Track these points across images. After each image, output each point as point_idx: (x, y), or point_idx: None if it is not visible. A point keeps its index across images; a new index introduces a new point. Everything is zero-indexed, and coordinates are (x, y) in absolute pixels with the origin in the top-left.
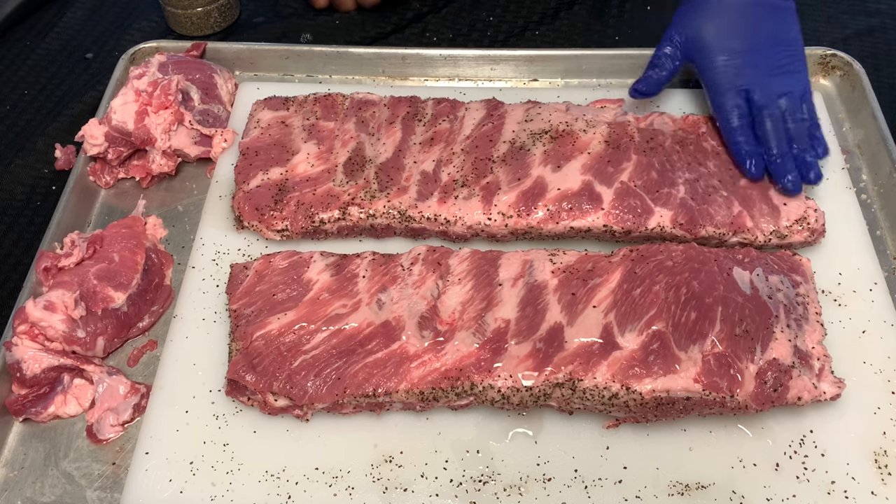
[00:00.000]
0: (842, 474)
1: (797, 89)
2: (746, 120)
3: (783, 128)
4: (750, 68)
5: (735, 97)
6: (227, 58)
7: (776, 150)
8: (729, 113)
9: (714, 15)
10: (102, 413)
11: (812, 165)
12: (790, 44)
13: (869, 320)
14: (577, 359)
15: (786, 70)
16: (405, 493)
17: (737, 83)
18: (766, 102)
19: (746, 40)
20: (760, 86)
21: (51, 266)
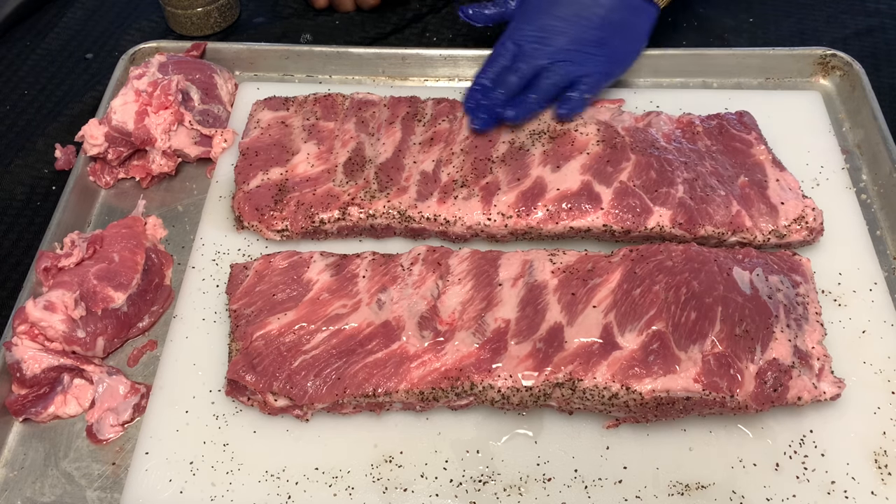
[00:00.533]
0: (842, 474)
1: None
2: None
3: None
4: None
5: (504, 48)
6: (227, 58)
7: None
8: (490, 59)
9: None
10: (102, 413)
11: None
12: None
13: (869, 320)
14: (577, 359)
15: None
16: (405, 493)
17: (513, 34)
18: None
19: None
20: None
21: (51, 266)
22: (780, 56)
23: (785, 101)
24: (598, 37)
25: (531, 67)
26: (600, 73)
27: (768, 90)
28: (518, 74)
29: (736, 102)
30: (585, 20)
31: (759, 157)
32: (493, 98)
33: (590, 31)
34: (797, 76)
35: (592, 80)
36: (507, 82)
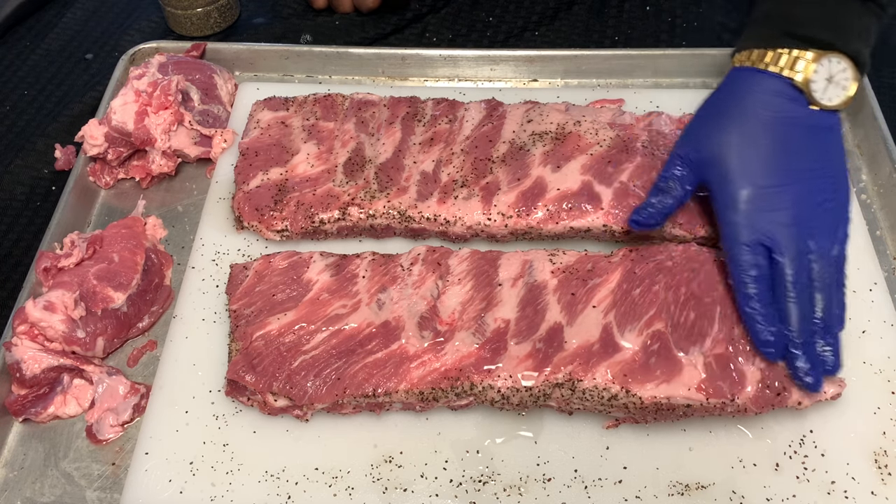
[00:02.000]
0: (842, 474)
1: (831, 240)
2: (766, 284)
3: (807, 302)
4: (776, 212)
5: (753, 253)
6: (227, 58)
7: (797, 337)
8: (744, 273)
9: (737, 133)
10: (102, 413)
11: (834, 351)
12: (831, 176)
13: (869, 320)
14: (577, 359)
15: (822, 210)
16: (405, 493)
17: (758, 233)
18: (793, 267)
19: (775, 171)
20: (789, 239)
21: (51, 266)
22: None
23: None
24: (829, 185)
25: (802, 260)
26: (846, 221)
27: None
28: (798, 279)
29: None
30: (808, 174)
31: None
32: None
33: (818, 186)
34: None
35: (843, 249)
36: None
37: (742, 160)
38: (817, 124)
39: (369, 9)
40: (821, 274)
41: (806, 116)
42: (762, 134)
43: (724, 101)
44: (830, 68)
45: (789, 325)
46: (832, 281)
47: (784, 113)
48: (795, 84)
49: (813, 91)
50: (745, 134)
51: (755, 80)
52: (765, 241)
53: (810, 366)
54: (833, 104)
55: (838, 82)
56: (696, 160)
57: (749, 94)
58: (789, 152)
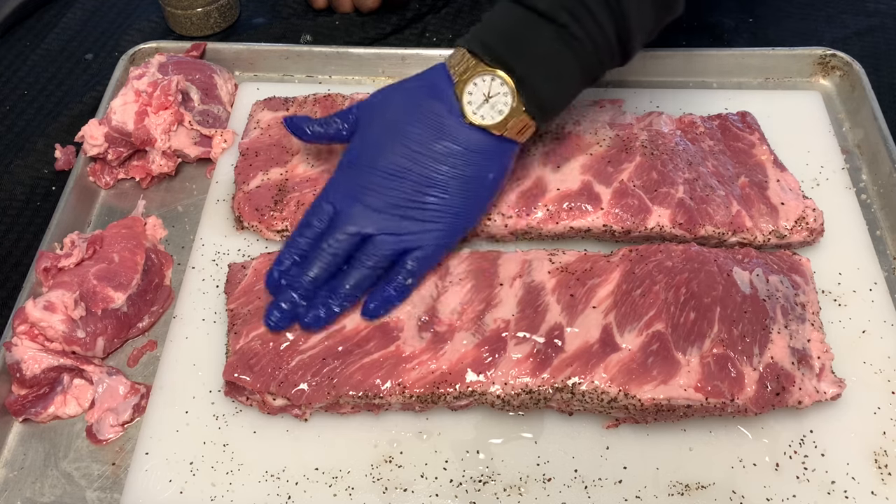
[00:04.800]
0: (842, 474)
1: (393, 235)
2: (315, 239)
3: (329, 264)
4: (360, 188)
5: (321, 208)
6: (226, 58)
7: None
8: (303, 219)
9: (383, 111)
10: (102, 413)
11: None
12: (439, 189)
13: (869, 320)
14: (577, 361)
15: (414, 217)
16: (405, 493)
17: (334, 194)
18: (338, 232)
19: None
20: (350, 213)
21: (51, 266)
22: (780, 56)
23: (785, 101)
24: (435, 198)
25: (347, 238)
26: (435, 245)
27: (768, 90)
28: (332, 249)
29: (736, 102)
30: (416, 175)
31: (761, 158)
32: (297, 285)
33: (423, 191)
34: (797, 76)
35: (424, 254)
36: (319, 259)
37: (368, 135)
38: (460, 136)
39: (369, 9)
40: (359, 257)
41: (454, 128)
42: (398, 123)
43: (407, 82)
44: (491, 87)
45: (300, 271)
46: (362, 266)
47: (432, 117)
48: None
49: (465, 103)
50: (387, 115)
51: (435, 77)
52: (334, 203)
53: (286, 306)
54: (482, 123)
55: (495, 104)
56: (357, 118)
57: (418, 88)
58: (407, 149)
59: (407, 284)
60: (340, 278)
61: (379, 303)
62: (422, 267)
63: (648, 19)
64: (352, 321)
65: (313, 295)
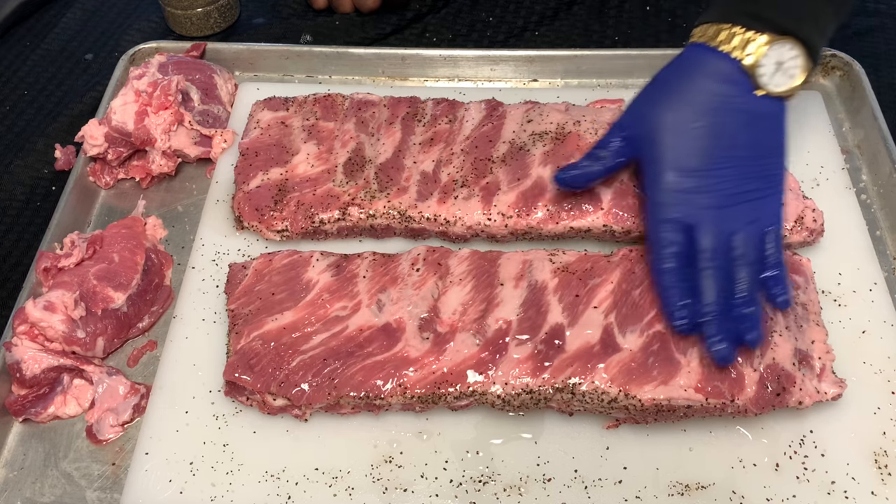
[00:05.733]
0: (842, 474)
1: (759, 222)
2: (682, 262)
3: (724, 279)
4: (701, 196)
5: (673, 230)
6: (226, 58)
7: (709, 308)
8: (662, 249)
9: (672, 115)
10: (102, 413)
11: (750, 321)
12: (765, 163)
13: (869, 320)
14: (578, 361)
15: (752, 197)
16: (405, 494)
17: (679, 212)
18: (709, 245)
19: (707, 156)
20: (709, 221)
21: (51, 266)
22: None
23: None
24: (762, 171)
25: (723, 245)
26: (779, 215)
27: None
28: (716, 261)
29: None
30: (740, 160)
31: None
32: (705, 312)
33: (751, 171)
34: None
35: (778, 227)
36: (713, 279)
37: (673, 143)
38: (757, 110)
39: (369, 9)
40: (742, 253)
41: (747, 102)
42: (698, 118)
43: (670, 81)
44: (781, 54)
45: (701, 298)
46: (752, 261)
47: (725, 98)
48: (743, 67)
49: (759, 75)
50: (680, 117)
51: (704, 60)
52: (685, 220)
53: (720, 336)
54: (779, 91)
55: (787, 70)
56: (632, 136)
57: (694, 77)
58: (722, 137)
59: (781, 261)
60: (736, 285)
61: (780, 288)
62: (779, 242)
63: None
64: (354, 321)
65: (722, 314)
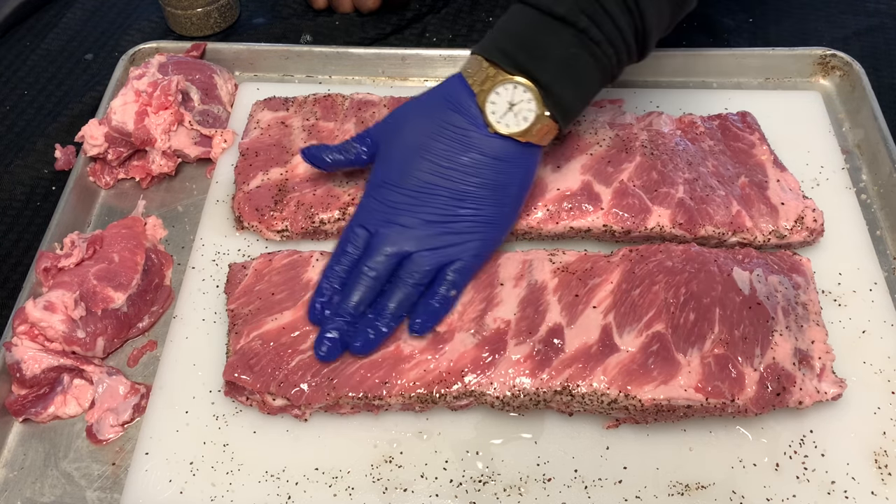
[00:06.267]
0: (842, 474)
1: (445, 254)
2: (353, 265)
3: (374, 291)
4: (397, 211)
5: (357, 236)
6: (226, 58)
7: (341, 308)
8: (339, 249)
9: (409, 130)
10: (102, 413)
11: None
12: (481, 203)
13: (869, 320)
14: (577, 362)
15: (449, 230)
16: (405, 494)
17: (365, 219)
18: (376, 255)
19: (415, 177)
20: (390, 234)
21: (51, 266)
22: (780, 56)
23: (785, 101)
24: (467, 210)
25: (385, 260)
26: (473, 255)
27: (768, 90)
28: (373, 273)
29: (736, 102)
30: (446, 190)
31: (761, 158)
32: (342, 312)
33: (455, 204)
34: (797, 76)
35: (463, 265)
36: (360, 284)
37: (394, 155)
38: (487, 149)
39: (369, 9)
40: (404, 275)
41: (478, 138)
42: (423, 139)
43: (423, 101)
44: (514, 94)
45: (343, 297)
46: (411, 285)
47: (455, 128)
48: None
49: (489, 112)
50: (410, 134)
51: (453, 88)
52: (367, 226)
53: (331, 335)
54: (508, 131)
55: (519, 111)
56: (375, 140)
57: (439, 101)
58: (438, 163)
59: (450, 296)
60: (384, 299)
61: (425, 317)
62: (463, 278)
63: (665, 16)
64: None
65: (358, 320)
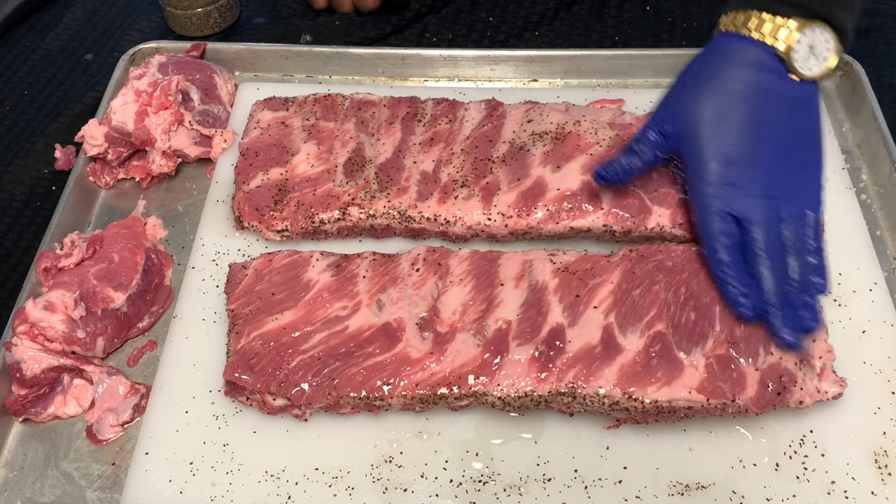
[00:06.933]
0: (842, 474)
1: (804, 207)
2: (737, 251)
3: (781, 266)
4: (746, 185)
5: (724, 222)
6: (226, 58)
7: (772, 297)
8: (715, 242)
9: (710, 107)
10: (102, 413)
11: (811, 309)
12: (804, 148)
13: (869, 320)
14: (579, 363)
15: (794, 184)
16: (405, 494)
17: (728, 204)
18: (761, 234)
19: (747, 145)
20: (757, 210)
21: (51, 266)
22: None
23: None
24: (805, 156)
25: (771, 232)
26: (821, 198)
27: None
28: (768, 251)
29: None
30: (781, 145)
31: None
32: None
33: (794, 157)
34: None
35: (821, 209)
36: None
37: (715, 135)
38: (794, 95)
39: (369, 9)
40: (792, 240)
41: (782, 87)
42: (736, 108)
43: (704, 72)
44: (813, 38)
45: (762, 287)
46: (804, 246)
47: (761, 85)
48: (777, 52)
49: (794, 60)
50: (718, 108)
51: (736, 48)
52: (734, 211)
53: (786, 324)
54: (812, 74)
55: (819, 53)
56: (669, 130)
57: (728, 66)
58: (761, 125)
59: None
60: (790, 273)
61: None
62: (821, 224)
63: None
64: (354, 321)
65: (785, 302)
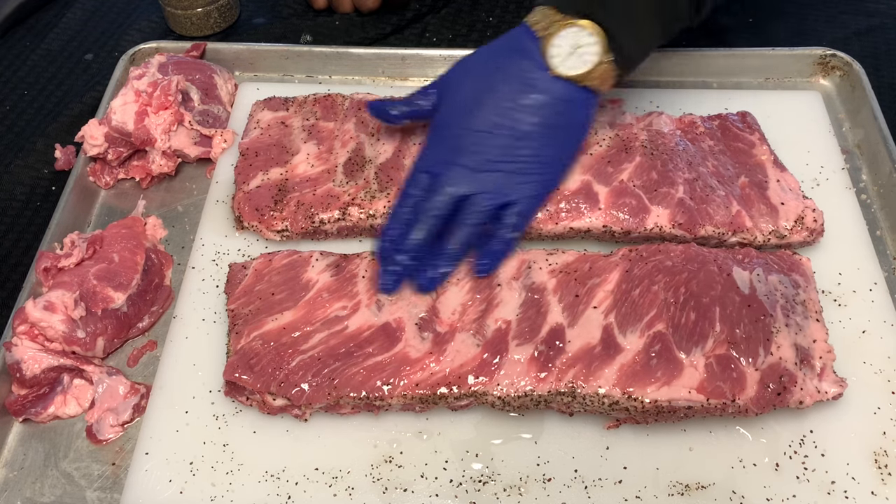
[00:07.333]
0: (842, 474)
1: (504, 195)
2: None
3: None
4: (461, 153)
5: (422, 179)
6: (226, 58)
7: (407, 245)
8: (405, 192)
9: (472, 76)
10: (102, 413)
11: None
12: (543, 144)
13: (869, 320)
14: (579, 363)
15: (511, 170)
16: (405, 494)
17: (430, 162)
18: (440, 196)
19: (479, 118)
20: (454, 176)
21: (51, 266)
22: (780, 56)
23: (785, 101)
24: (527, 150)
25: (447, 200)
26: (531, 196)
27: (768, 90)
28: (434, 212)
29: (736, 102)
30: (507, 130)
31: (761, 158)
32: (405, 249)
33: (515, 144)
34: (797, 76)
35: (522, 207)
36: (422, 223)
37: (457, 99)
38: (551, 91)
39: (369, 9)
40: (466, 215)
41: (541, 80)
42: (486, 82)
43: (485, 50)
44: (579, 37)
45: (405, 237)
46: (472, 225)
47: (519, 71)
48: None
49: (551, 56)
50: (473, 79)
51: (517, 36)
52: (430, 169)
53: (396, 267)
54: (570, 74)
55: (581, 54)
56: (439, 90)
57: (503, 49)
58: (501, 105)
59: (511, 238)
60: (445, 240)
61: (489, 259)
62: (522, 220)
63: None
64: (354, 321)
65: (421, 258)
